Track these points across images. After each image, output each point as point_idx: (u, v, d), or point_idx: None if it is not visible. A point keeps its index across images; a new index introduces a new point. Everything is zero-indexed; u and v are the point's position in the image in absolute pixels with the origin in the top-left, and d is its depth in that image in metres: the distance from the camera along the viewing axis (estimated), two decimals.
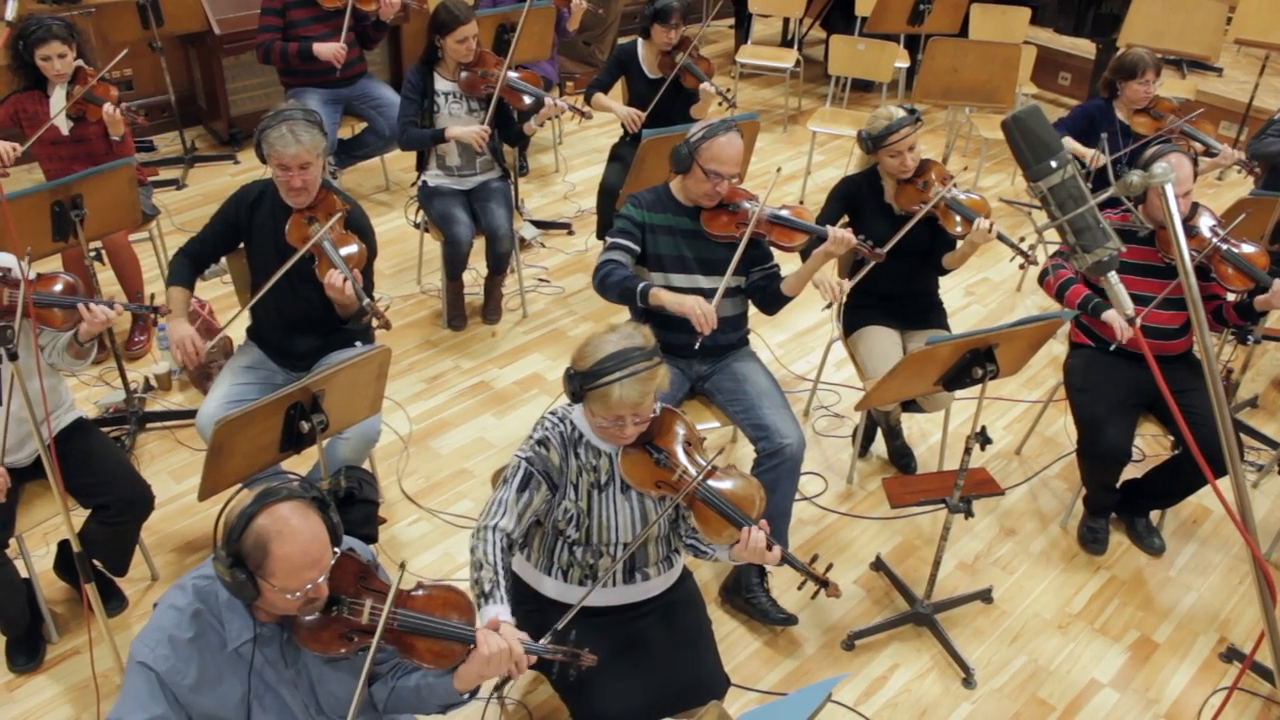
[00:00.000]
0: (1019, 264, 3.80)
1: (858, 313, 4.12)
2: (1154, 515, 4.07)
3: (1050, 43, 7.78)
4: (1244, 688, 3.47)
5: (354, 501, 3.41)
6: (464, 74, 4.70)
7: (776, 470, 3.47)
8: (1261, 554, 1.55)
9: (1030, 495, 4.24)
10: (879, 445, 4.44)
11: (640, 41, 5.19)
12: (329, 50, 5.31)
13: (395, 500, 4.06)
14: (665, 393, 3.58)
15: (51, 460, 2.62)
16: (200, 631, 2.18)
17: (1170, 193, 1.39)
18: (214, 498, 2.99)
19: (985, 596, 3.75)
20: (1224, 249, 3.67)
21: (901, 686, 3.43)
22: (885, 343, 3.98)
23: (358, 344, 3.76)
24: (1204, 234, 3.73)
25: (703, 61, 5.12)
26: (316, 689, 2.30)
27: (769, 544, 2.62)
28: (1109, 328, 3.76)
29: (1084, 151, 4.81)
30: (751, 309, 3.78)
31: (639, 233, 3.56)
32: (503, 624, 2.37)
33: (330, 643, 2.20)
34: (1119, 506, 4.03)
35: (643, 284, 3.45)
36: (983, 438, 3.22)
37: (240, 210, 3.61)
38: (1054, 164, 1.47)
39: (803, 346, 5.10)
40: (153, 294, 4.83)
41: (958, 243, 3.88)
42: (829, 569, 2.70)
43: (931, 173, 3.88)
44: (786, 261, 3.73)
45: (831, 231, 3.47)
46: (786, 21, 8.50)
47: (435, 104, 4.74)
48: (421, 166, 4.95)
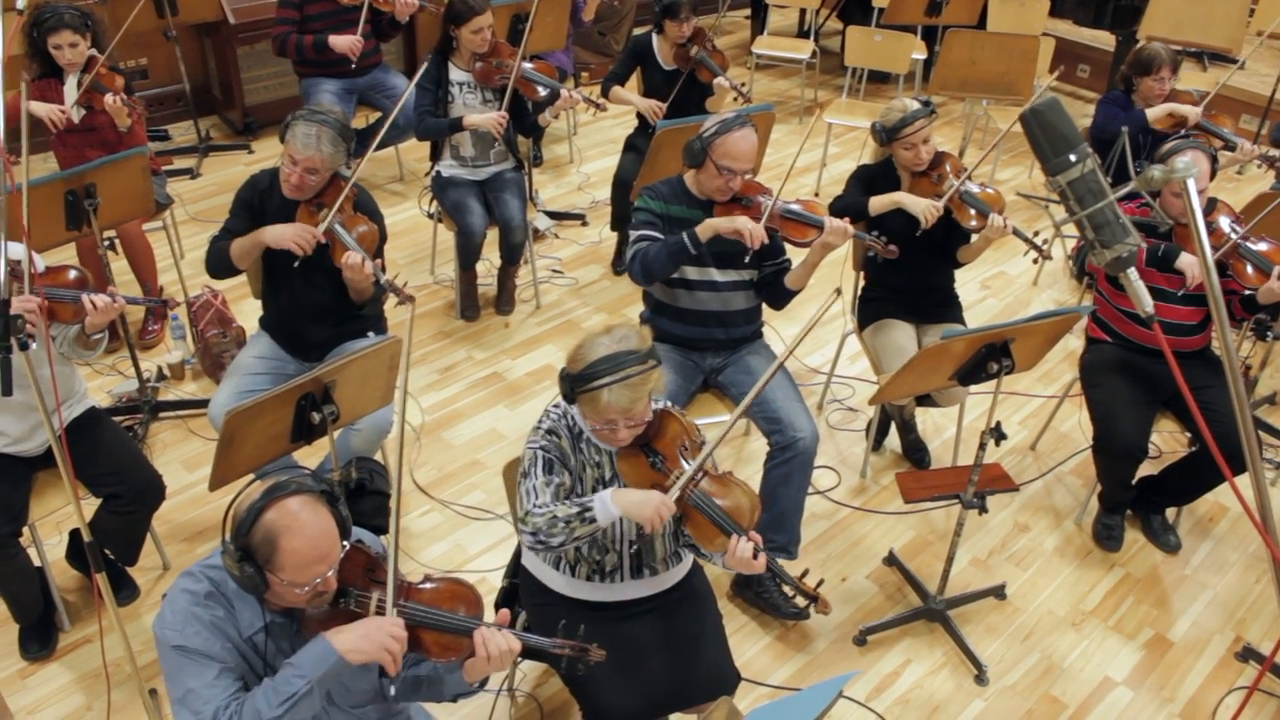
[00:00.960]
0: (1033, 258, 3.76)
1: (872, 306, 4.10)
2: (1170, 512, 4.04)
3: (1069, 35, 7.71)
4: (1262, 689, 3.44)
5: (365, 493, 3.41)
6: (479, 64, 4.68)
7: (790, 464, 3.45)
8: None
9: (1045, 491, 4.21)
10: (893, 439, 4.42)
11: (654, 34, 5.16)
12: (345, 43, 5.30)
13: (407, 491, 4.06)
14: (679, 385, 3.59)
15: (62, 450, 2.61)
16: (216, 615, 2.18)
17: (1193, 188, 1.36)
18: (225, 488, 3.00)
19: (999, 593, 3.72)
20: (1242, 246, 3.63)
21: (913, 683, 3.41)
22: (900, 336, 3.95)
23: (370, 334, 3.75)
24: (1223, 230, 3.69)
25: (717, 55, 5.09)
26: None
27: (755, 554, 2.58)
28: (1126, 322, 3.72)
29: None
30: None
31: (661, 223, 3.53)
32: (615, 499, 2.52)
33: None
34: (1134, 503, 4.00)
35: (683, 233, 3.39)
36: (997, 433, 3.20)
37: (254, 197, 3.61)
38: (1073, 158, 1.44)
39: (816, 340, 5.07)
40: (162, 286, 4.85)
41: (972, 236, 3.85)
42: (820, 584, 2.66)
43: (946, 165, 3.85)
44: (796, 256, 3.71)
45: (829, 222, 3.43)
46: (803, 12, 8.45)
47: (450, 94, 4.72)
48: (435, 157, 4.94)
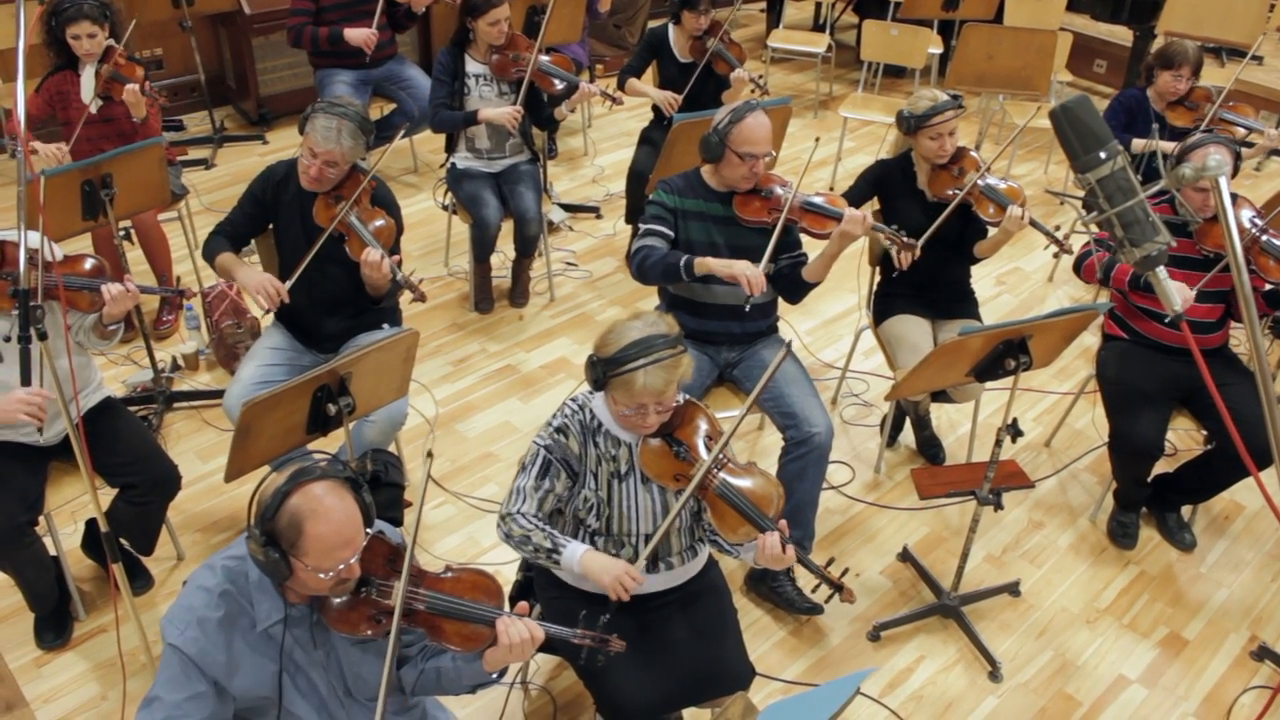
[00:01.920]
0: (1054, 252, 3.74)
1: (888, 301, 4.08)
2: (1185, 510, 4.02)
3: (1086, 29, 7.67)
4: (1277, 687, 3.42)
5: (380, 485, 3.41)
6: (495, 57, 4.67)
7: (804, 459, 3.44)
8: None
9: (1059, 488, 4.20)
10: (907, 435, 4.40)
11: (671, 26, 5.15)
12: (360, 36, 5.30)
13: (421, 483, 4.05)
14: (694, 380, 3.58)
15: (79, 439, 2.62)
16: (230, 612, 2.18)
17: (1224, 186, 1.34)
18: (240, 478, 3.00)
19: (1013, 589, 3.71)
20: (1264, 240, 3.60)
21: (927, 679, 3.41)
22: (916, 332, 3.94)
23: (385, 326, 3.75)
24: (1244, 225, 3.66)
25: (734, 47, 5.08)
26: (345, 671, 2.30)
27: (784, 546, 2.59)
28: (1143, 318, 3.70)
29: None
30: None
31: (672, 218, 3.53)
32: (580, 561, 2.55)
33: (359, 624, 2.19)
34: (1150, 501, 3.98)
35: (685, 257, 3.40)
36: (1014, 430, 3.18)
37: (267, 190, 3.60)
38: (1103, 155, 1.42)
39: (831, 334, 5.06)
40: (178, 276, 4.86)
41: (989, 230, 3.83)
42: (844, 574, 2.66)
43: (965, 160, 3.83)
44: (814, 249, 3.69)
45: (847, 212, 3.42)
46: (819, 6, 8.43)
47: (466, 86, 4.72)
48: (450, 149, 4.94)
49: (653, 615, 2.80)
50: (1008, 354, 3.15)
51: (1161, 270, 1.48)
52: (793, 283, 3.58)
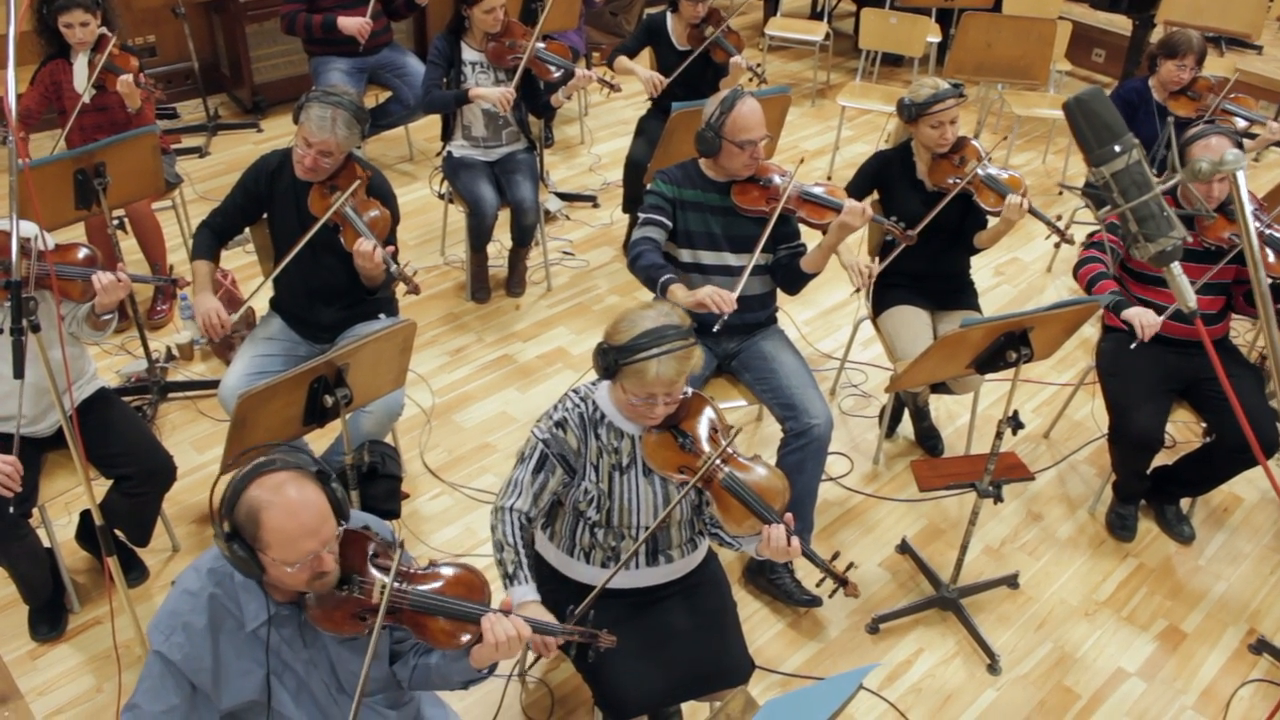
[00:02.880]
0: (1054, 242, 3.73)
1: (887, 292, 4.06)
2: (1184, 503, 4.01)
3: (1085, 18, 7.64)
4: (1276, 680, 3.42)
5: (376, 476, 3.38)
6: (491, 44, 4.63)
7: (803, 450, 3.43)
8: None
9: (1058, 480, 4.19)
10: (905, 426, 4.39)
11: (669, 14, 5.11)
12: (354, 25, 5.26)
13: (417, 474, 4.04)
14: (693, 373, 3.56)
15: (73, 431, 2.60)
16: (215, 615, 2.15)
17: (1241, 180, 1.33)
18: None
19: (1011, 582, 3.70)
20: (1266, 234, 3.58)
21: (925, 672, 3.40)
22: (915, 323, 3.92)
23: (381, 316, 3.73)
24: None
25: (732, 35, 5.04)
26: (337, 669, 2.28)
27: (789, 539, 2.57)
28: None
29: None
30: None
31: (670, 208, 3.51)
32: (517, 606, 2.38)
33: (343, 623, 2.16)
34: (1149, 493, 3.97)
35: (664, 278, 3.40)
36: (1014, 422, 3.17)
37: (260, 180, 3.58)
38: (1118, 148, 1.40)
39: (829, 324, 5.04)
40: (172, 265, 4.83)
41: (989, 221, 3.81)
42: (849, 568, 2.65)
43: (966, 150, 3.80)
44: (813, 239, 3.67)
45: (847, 203, 3.40)
46: None
47: (462, 74, 4.68)
48: (446, 137, 4.91)
49: (652, 609, 2.78)
50: (1009, 346, 3.14)
51: (1176, 266, 1.46)
52: (791, 273, 3.56)
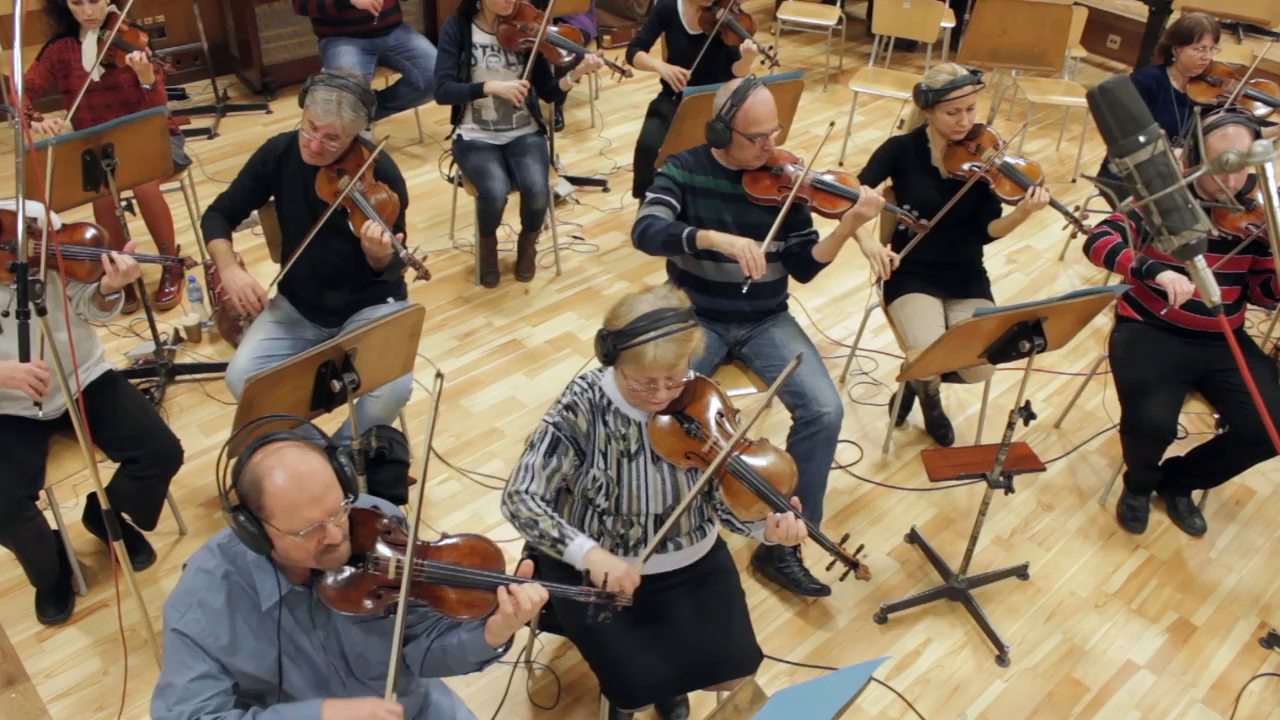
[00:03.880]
0: (1071, 232, 3.69)
1: (900, 280, 4.02)
2: (1195, 495, 3.98)
3: (1100, 4, 7.57)
4: None
5: (384, 461, 3.37)
6: (502, 27, 4.60)
7: (813, 439, 3.41)
8: None
9: (1069, 471, 4.16)
10: (916, 415, 4.36)
11: None
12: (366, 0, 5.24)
13: (423, 455, 4.02)
14: (702, 357, 3.53)
15: (79, 414, 2.58)
16: (231, 593, 2.15)
17: (1270, 172, 1.30)
18: None
19: (1021, 573, 3.68)
20: None
21: (934, 662, 3.38)
22: (927, 311, 3.89)
23: (390, 300, 3.71)
24: (1262, 207, 3.60)
25: (744, 18, 5.00)
26: (346, 652, 2.27)
27: (797, 521, 2.55)
28: (1157, 300, 3.65)
29: None
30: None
31: (680, 192, 3.47)
32: (585, 556, 2.49)
33: (358, 601, 2.15)
34: (1160, 485, 3.94)
35: (688, 228, 3.34)
36: (1026, 412, 3.14)
37: (268, 164, 3.55)
38: (1142, 138, 1.37)
39: (840, 312, 5.01)
40: (179, 245, 4.81)
41: (1004, 209, 3.78)
42: (860, 550, 2.63)
43: (982, 137, 3.77)
44: (825, 227, 3.64)
45: (863, 193, 3.37)
46: None
47: (473, 57, 4.65)
48: (457, 120, 4.88)
49: (660, 596, 2.76)
50: (1022, 336, 3.11)
51: (1200, 260, 1.43)
52: (803, 261, 3.52)
